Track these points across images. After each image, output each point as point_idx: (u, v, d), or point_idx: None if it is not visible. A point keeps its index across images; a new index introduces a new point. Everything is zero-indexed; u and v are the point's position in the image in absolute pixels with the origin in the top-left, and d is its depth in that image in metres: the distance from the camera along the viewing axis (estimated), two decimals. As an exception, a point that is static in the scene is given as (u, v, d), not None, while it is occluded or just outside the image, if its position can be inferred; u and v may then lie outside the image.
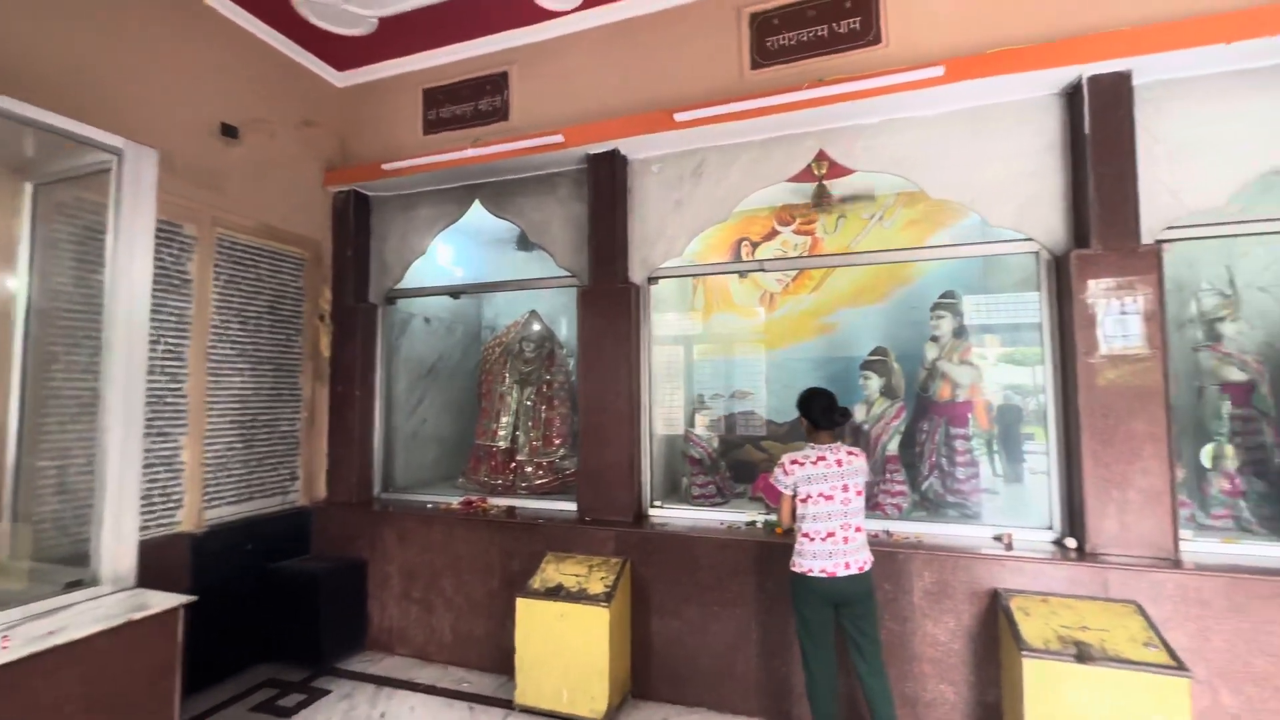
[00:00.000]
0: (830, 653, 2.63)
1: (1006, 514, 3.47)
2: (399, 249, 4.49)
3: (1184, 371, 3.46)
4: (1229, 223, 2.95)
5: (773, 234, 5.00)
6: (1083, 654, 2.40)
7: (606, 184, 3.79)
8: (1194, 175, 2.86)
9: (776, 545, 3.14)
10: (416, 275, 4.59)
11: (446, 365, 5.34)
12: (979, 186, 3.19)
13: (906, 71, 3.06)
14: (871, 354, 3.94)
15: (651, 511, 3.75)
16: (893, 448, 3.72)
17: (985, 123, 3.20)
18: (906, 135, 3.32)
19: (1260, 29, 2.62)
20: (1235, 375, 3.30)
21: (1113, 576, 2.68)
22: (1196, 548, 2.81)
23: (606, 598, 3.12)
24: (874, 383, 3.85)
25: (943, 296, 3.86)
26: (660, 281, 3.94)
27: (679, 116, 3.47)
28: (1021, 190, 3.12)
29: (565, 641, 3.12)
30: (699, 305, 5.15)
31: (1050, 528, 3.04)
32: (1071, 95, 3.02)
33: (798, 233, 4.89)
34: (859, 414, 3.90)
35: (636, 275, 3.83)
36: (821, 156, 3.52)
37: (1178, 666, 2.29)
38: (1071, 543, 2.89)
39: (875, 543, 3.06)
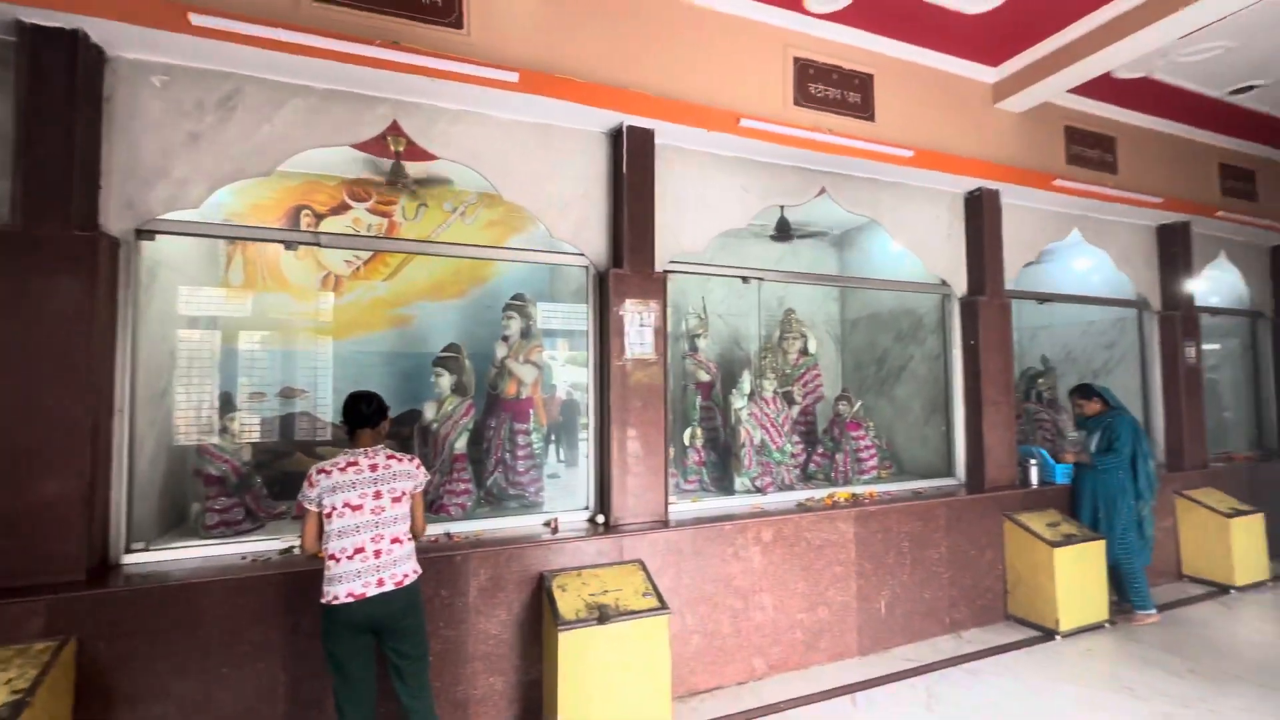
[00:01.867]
0: (365, 686, 2.33)
1: (563, 500, 3.84)
2: None
3: (676, 373, 4.55)
4: (703, 264, 4.00)
5: (343, 208, 4.35)
6: (604, 616, 2.79)
7: (61, 78, 2.52)
8: (687, 224, 3.74)
9: (315, 572, 2.63)
10: None
11: None
12: (545, 199, 3.43)
13: (485, 67, 3.02)
14: (444, 350, 3.81)
15: (127, 559, 2.67)
16: (460, 445, 3.67)
17: (555, 141, 3.46)
18: (485, 132, 3.31)
19: (723, 126, 3.60)
20: (703, 376, 4.53)
21: (626, 542, 3.24)
22: (679, 509, 3.68)
23: (15, 709, 2.01)
24: (445, 380, 3.73)
25: (513, 299, 4.04)
26: (160, 238, 2.87)
27: (197, 19, 2.57)
28: (578, 210, 3.50)
29: (-90, 808, 1.87)
30: (235, 279, 4.05)
31: (587, 508, 3.49)
32: (616, 137, 3.55)
33: (373, 211, 4.39)
34: (429, 412, 3.72)
35: (116, 224, 2.68)
36: (397, 130, 3.19)
37: (661, 606, 2.91)
38: (600, 518, 3.38)
39: (435, 548, 2.93)
